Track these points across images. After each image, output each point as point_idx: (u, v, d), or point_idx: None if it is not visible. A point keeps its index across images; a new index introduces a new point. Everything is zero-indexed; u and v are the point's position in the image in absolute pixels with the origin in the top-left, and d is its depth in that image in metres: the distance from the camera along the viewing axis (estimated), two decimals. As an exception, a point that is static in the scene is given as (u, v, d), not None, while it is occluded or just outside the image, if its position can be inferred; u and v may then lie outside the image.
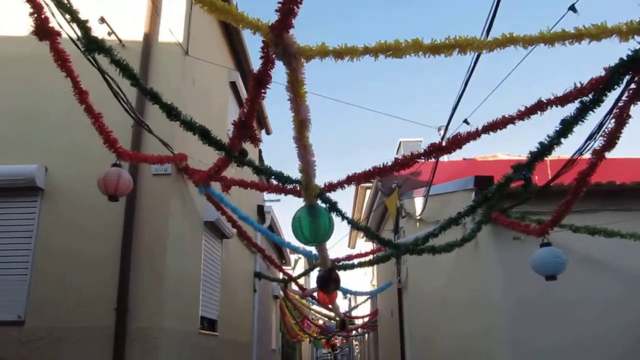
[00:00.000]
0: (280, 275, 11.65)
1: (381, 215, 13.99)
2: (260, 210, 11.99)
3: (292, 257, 12.93)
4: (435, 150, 3.61)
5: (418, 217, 8.68)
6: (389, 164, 3.82)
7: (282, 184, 4.16)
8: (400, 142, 13.25)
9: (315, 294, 9.68)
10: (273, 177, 4.20)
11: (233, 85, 9.35)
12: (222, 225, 7.56)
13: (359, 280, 24.05)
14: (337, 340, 37.09)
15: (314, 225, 4.15)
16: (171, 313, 5.77)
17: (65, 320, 5.46)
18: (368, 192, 18.04)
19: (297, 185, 4.08)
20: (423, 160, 3.99)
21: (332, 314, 19.59)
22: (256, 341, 11.16)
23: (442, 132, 14.17)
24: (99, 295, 5.53)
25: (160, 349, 5.41)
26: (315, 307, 19.34)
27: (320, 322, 21.65)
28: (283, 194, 4.92)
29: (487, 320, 5.79)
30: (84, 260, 5.65)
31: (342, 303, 29.43)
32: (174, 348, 5.79)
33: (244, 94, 9.52)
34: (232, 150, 4.25)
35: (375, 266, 17.96)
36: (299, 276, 8.54)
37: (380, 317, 16.81)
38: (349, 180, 4.07)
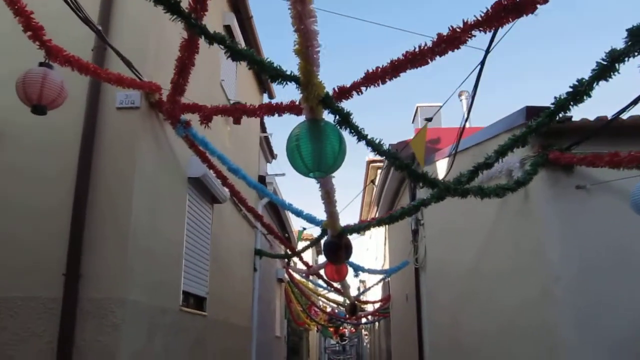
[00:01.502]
0: (283, 250, 10.47)
1: (394, 191, 12.70)
2: (262, 182, 10.75)
3: (296, 228, 11.71)
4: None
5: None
6: (427, 45, 2.54)
7: (271, 78, 2.90)
8: (417, 107, 11.96)
9: (322, 271, 8.46)
10: (257, 66, 2.94)
11: (228, 29, 8.09)
12: (211, 184, 6.33)
13: (369, 266, 22.80)
14: (346, 330, 35.84)
15: (318, 146, 2.90)
16: (139, 282, 4.56)
17: (-1, 288, 4.28)
18: (379, 172, 16.81)
19: (295, 89, 2.82)
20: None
21: (341, 299, 18.35)
22: (256, 325, 9.97)
23: (462, 97, 12.76)
24: (44, 256, 4.33)
25: (121, 326, 4.21)
26: (323, 291, 18.08)
27: (328, 308, 20.43)
28: (277, 114, 3.67)
29: (540, 290, 4.54)
30: (26, 212, 4.45)
31: (352, 285, 28.14)
32: (142, 326, 4.58)
33: (240, 39, 8.27)
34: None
35: (386, 249, 16.71)
36: (304, 249, 7.34)
37: (392, 304, 15.55)
38: (368, 79, 2.81)
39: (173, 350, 5.35)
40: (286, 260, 9.95)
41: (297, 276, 16.34)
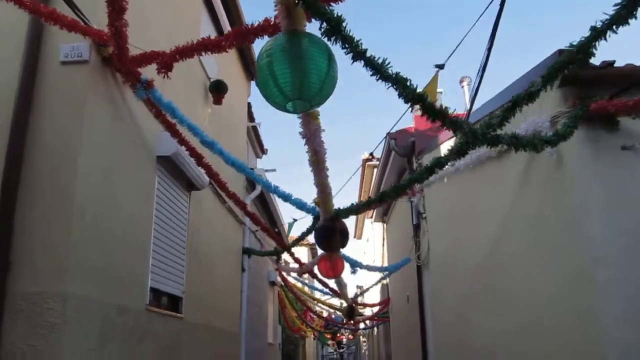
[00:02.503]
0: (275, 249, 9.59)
1: (396, 180, 11.90)
2: (250, 174, 9.90)
3: (286, 220, 10.84)
4: None
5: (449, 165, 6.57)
6: None
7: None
8: (416, 94, 11.17)
9: (316, 269, 7.62)
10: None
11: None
12: (185, 165, 5.49)
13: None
14: (344, 337, 34.79)
15: (298, 65, 2.08)
16: (87, 273, 3.71)
17: None
18: (375, 170, 15.99)
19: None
20: None
21: (338, 303, 17.44)
22: (245, 331, 9.09)
23: (464, 83, 11.98)
24: (-35, 241, 3.48)
25: (61, 327, 3.35)
26: (318, 295, 17.16)
27: (325, 313, 19.47)
28: (248, 40, 2.84)
29: (575, 276, 3.71)
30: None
31: (350, 285, 27.05)
32: (91, 327, 3.72)
33: (221, 12, 7.48)
34: None
35: (385, 249, 15.85)
36: (295, 241, 6.51)
37: (392, 307, 14.68)
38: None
39: (136, 357, 4.49)
40: (276, 258, 9.08)
41: (291, 279, 15.48)
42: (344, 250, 7.55)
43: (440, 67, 3.79)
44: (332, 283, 9.51)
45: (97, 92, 4.00)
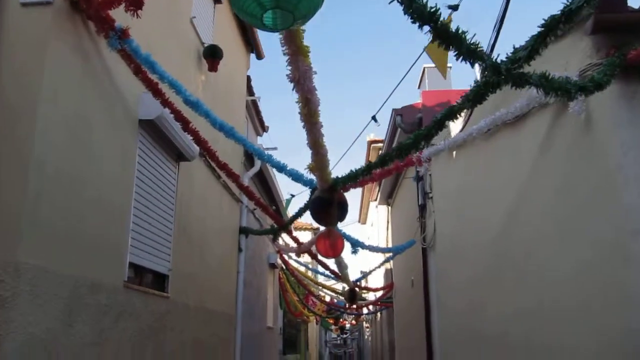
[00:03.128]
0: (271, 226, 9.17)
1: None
2: (250, 156, 9.44)
3: (284, 196, 10.30)
4: None
5: (459, 134, 6.08)
6: None
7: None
8: (424, 69, 10.61)
9: (313, 248, 7.17)
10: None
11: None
12: (171, 131, 5.03)
13: (371, 256, 21.35)
14: (347, 322, 34.48)
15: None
16: (48, 241, 3.27)
17: None
18: (380, 152, 15.50)
19: None
20: None
21: (340, 287, 17.02)
22: (241, 314, 8.69)
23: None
24: None
25: (12, 301, 2.92)
26: (321, 279, 16.73)
27: (327, 298, 19.08)
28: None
29: (607, 250, 3.23)
30: None
31: (354, 269, 26.31)
32: (53, 304, 3.28)
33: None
34: None
35: (389, 234, 15.39)
36: (293, 218, 6.05)
37: (396, 292, 14.27)
38: None
39: (112, 339, 4.06)
40: (273, 237, 8.64)
41: (292, 262, 15.07)
42: (346, 230, 7.09)
43: (454, 8, 3.29)
44: (332, 264, 9.06)
45: (64, 39, 3.52)
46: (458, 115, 2.81)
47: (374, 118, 4.03)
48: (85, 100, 3.81)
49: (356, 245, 6.57)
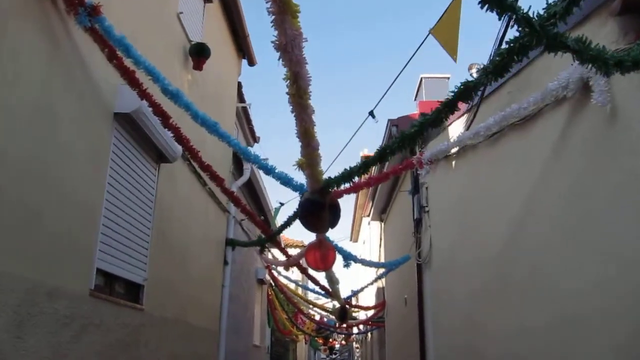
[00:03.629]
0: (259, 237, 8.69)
1: (394, 177, 11.02)
2: (237, 160, 9.05)
3: (273, 204, 9.86)
4: None
5: (464, 133, 5.70)
6: None
7: None
8: (421, 79, 10.32)
9: (303, 261, 6.73)
10: None
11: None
12: (150, 126, 4.63)
13: (362, 274, 20.83)
14: (337, 342, 33.69)
15: None
16: (-3, 240, 2.84)
17: None
18: (374, 168, 15.13)
19: None
20: None
21: (330, 306, 16.48)
22: (226, 330, 8.20)
23: (473, 70, 11.16)
24: None
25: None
26: (311, 297, 16.17)
27: (317, 316, 18.49)
28: None
29: (629, 260, 2.84)
30: None
31: (344, 288, 25.47)
32: (-3, 310, 2.84)
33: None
34: None
35: (382, 251, 14.94)
36: (282, 228, 5.64)
37: (388, 311, 13.80)
38: None
39: (73, 354, 3.60)
40: (260, 249, 8.19)
41: (282, 279, 14.58)
42: (337, 242, 6.66)
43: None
44: (323, 280, 8.59)
45: (27, 18, 3.14)
46: (475, 92, 2.43)
47: (371, 114, 3.65)
48: (52, 88, 3.41)
49: (348, 258, 6.15)
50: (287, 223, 5.59)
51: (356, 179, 3.45)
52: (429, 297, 7.97)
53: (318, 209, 3.66)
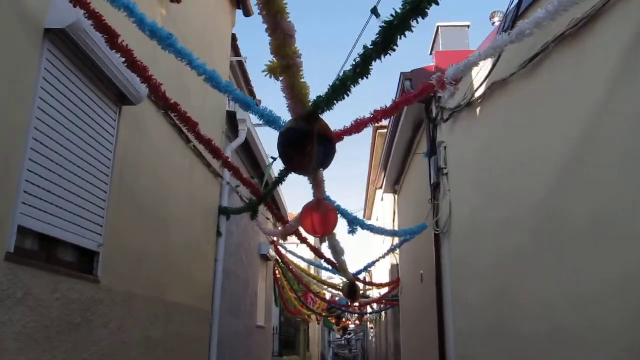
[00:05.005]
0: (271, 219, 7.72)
1: (407, 144, 10.00)
2: (232, 119, 8.07)
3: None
4: None
5: (501, 36, 4.68)
6: None
7: None
8: (437, 28, 9.20)
9: (300, 228, 5.75)
10: None
11: None
12: (96, 50, 3.66)
13: (375, 253, 19.85)
14: (350, 322, 32.89)
15: None
16: None
17: None
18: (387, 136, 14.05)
19: None
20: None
21: (339, 280, 15.54)
22: (220, 309, 7.31)
23: (495, 19, 9.90)
24: None
25: None
26: (324, 275, 15.22)
27: (328, 296, 17.55)
28: None
29: None
30: None
31: (353, 263, 24.19)
32: None
33: None
34: None
35: (395, 223, 13.94)
36: (274, 185, 4.67)
37: (402, 289, 12.85)
38: None
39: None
40: (252, 214, 7.25)
41: (289, 256, 13.67)
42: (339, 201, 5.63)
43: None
44: (327, 253, 7.60)
45: None
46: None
47: (374, 11, 2.64)
48: None
49: (354, 223, 5.19)
50: (281, 178, 4.62)
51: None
52: (448, 270, 7.01)
53: (304, 140, 2.67)
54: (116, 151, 4.30)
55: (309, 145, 2.66)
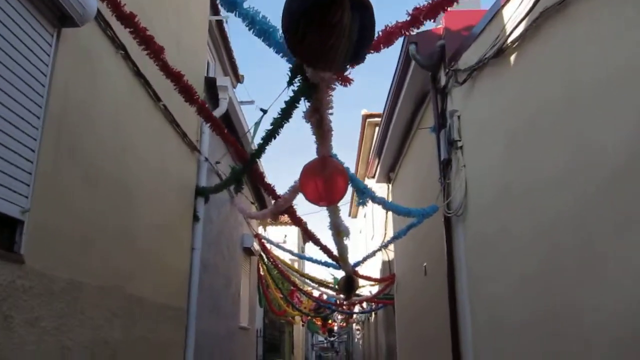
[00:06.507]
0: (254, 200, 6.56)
1: (409, 119, 8.97)
2: (211, 86, 6.95)
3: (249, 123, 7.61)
4: None
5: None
6: None
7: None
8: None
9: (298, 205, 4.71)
10: None
11: None
12: None
13: (363, 250, 18.74)
14: (335, 324, 31.72)
15: None
16: None
17: None
18: (377, 129, 13.01)
19: None
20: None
21: (330, 279, 14.47)
22: (197, 307, 6.17)
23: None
24: None
25: None
26: (308, 268, 14.13)
27: (315, 293, 16.32)
28: None
29: None
30: None
31: (354, 239, 22.36)
32: None
33: None
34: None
35: (389, 214, 12.90)
36: (263, 144, 3.61)
37: (398, 286, 11.80)
38: None
39: None
40: (235, 188, 6.13)
41: (274, 250, 12.55)
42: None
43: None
44: (327, 239, 6.44)
45: None
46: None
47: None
48: None
49: (365, 193, 4.11)
50: (272, 133, 3.52)
51: None
52: (463, 257, 5.99)
53: (326, 4, 1.58)
54: (52, 87, 3.16)
55: (337, 10, 1.57)
